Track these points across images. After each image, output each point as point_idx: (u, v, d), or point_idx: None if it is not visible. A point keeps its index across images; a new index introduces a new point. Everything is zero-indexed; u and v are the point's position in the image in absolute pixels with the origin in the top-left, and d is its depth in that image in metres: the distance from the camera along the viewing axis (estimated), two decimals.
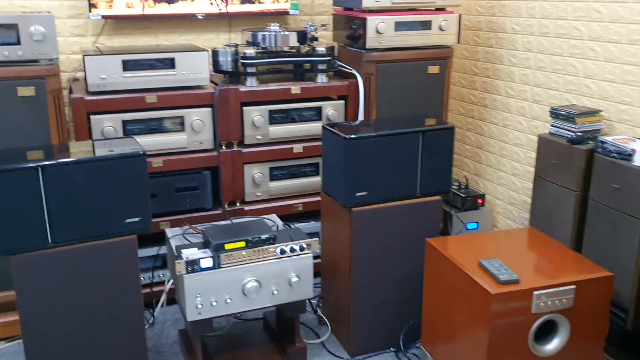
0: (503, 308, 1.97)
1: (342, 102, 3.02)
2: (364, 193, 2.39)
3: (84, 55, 2.57)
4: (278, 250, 2.27)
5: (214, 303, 2.21)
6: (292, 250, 2.29)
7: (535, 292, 1.98)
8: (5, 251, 1.94)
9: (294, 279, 2.30)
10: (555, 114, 2.68)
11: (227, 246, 2.20)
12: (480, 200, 3.42)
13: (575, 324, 2.06)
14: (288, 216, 3.04)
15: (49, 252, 2.00)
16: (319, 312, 2.83)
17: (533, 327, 2.01)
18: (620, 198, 2.35)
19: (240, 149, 2.87)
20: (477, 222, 3.38)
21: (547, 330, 2.08)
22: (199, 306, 2.19)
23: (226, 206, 2.90)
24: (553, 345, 2.08)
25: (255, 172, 2.93)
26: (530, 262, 2.18)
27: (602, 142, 2.45)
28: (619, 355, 2.50)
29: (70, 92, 2.69)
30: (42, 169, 1.93)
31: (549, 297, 1.99)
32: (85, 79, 2.63)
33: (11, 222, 1.92)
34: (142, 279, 2.64)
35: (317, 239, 2.37)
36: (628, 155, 2.34)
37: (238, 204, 2.94)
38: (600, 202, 2.44)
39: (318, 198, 3.01)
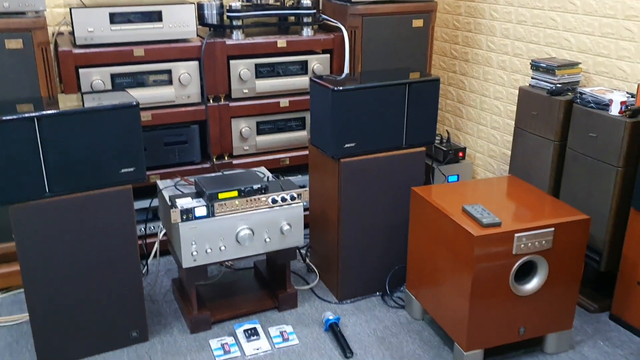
0: (486, 250, 2.07)
1: (328, 55, 3.06)
2: (352, 144, 2.46)
3: (70, 8, 2.56)
4: (270, 200, 2.34)
5: (209, 250, 2.28)
6: (284, 199, 2.36)
7: (516, 235, 2.09)
8: (4, 201, 1.98)
9: (286, 227, 2.38)
10: (535, 66, 2.76)
11: (221, 195, 2.27)
12: (461, 154, 3.51)
13: (553, 265, 2.18)
14: (275, 170, 3.10)
15: (47, 202, 2.05)
16: (308, 261, 2.92)
17: (514, 267, 2.13)
18: (596, 146, 2.46)
19: (227, 102, 2.90)
20: (457, 175, 3.48)
21: (527, 271, 2.20)
22: (194, 253, 2.26)
23: (214, 160, 2.95)
24: (532, 284, 2.20)
25: (242, 126, 2.97)
26: (511, 207, 2.29)
27: (581, 93, 2.54)
28: (593, 296, 2.65)
29: (56, 45, 2.68)
30: (38, 120, 1.95)
31: (529, 239, 2.10)
32: (72, 32, 2.62)
33: (9, 173, 1.95)
34: None
35: (307, 189, 2.44)
36: (605, 106, 2.43)
37: (226, 158, 2.99)
38: (578, 150, 2.54)
39: (305, 152, 3.07)
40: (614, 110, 2.39)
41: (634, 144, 2.35)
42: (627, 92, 2.48)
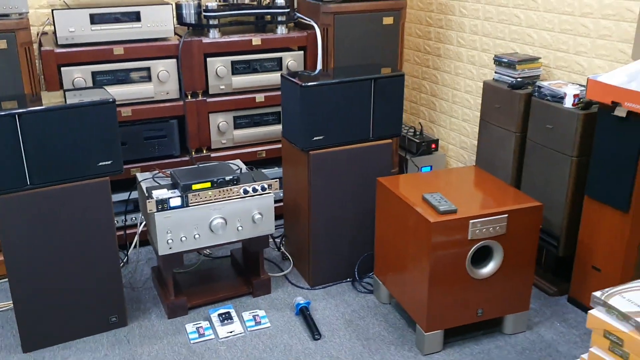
0: (442, 235, 2.20)
1: (302, 52, 3.18)
2: (321, 137, 2.58)
3: (52, 10, 2.68)
4: (242, 190, 2.47)
5: (183, 239, 2.41)
6: (255, 190, 2.49)
7: (471, 221, 2.22)
8: None
9: (257, 216, 2.51)
10: (498, 61, 2.88)
11: (194, 186, 2.40)
12: (433, 145, 3.65)
13: (508, 249, 2.31)
14: (252, 162, 3.21)
15: (28, 194, 2.17)
16: (283, 249, 3.05)
17: (470, 252, 2.26)
18: (553, 137, 2.59)
19: (205, 98, 3.03)
20: (430, 166, 3.61)
21: (483, 255, 2.33)
22: (170, 241, 2.39)
23: (193, 153, 3.08)
24: (488, 268, 2.33)
25: (220, 121, 3.10)
26: (470, 195, 2.42)
27: (539, 86, 2.67)
28: (552, 280, 2.79)
29: (40, 45, 2.80)
30: (19, 116, 2.07)
31: (484, 225, 2.24)
32: (54, 32, 2.74)
33: None
34: (116, 222, 2.83)
35: (277, 179, 2.57)
36: (560, 98, 2.57)
37: (204, 151, 3.11)
38: (536, 141, 2.67)
39: (280, 145, 3.19)
40: (568, 102, 2.52)
41: (586, 134, 2.48)
42: (582, 86, 2.61)
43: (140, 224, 2.91)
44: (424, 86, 3.88)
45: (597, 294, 1.82)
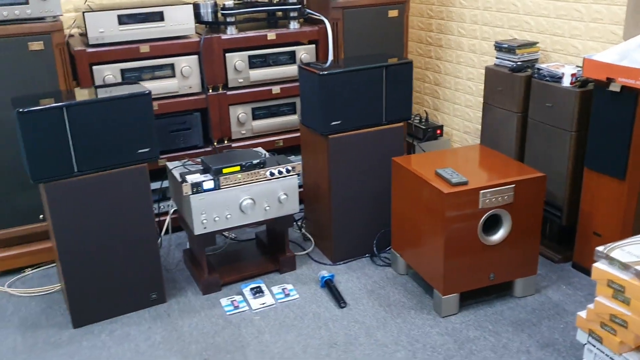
0: (455, 205, 2.41)
1: (313, 46, 3.39)
2: (338, 122, 2.78)
3: (83, 12, 2.88)
4: (268, 173, 2.67)
5: (216, 219, 2.61)
6: (280, 172, 2.69)
7: (481, 191, 2.42)
8: (40, 179, 2.30)
9: (283, 197, 2.71)
10: (498, 47, 3.09)
11: (225, 170, 2.60)
12: (439, 131, 3.85)
13: (515, 217, 2.52)
14: (270, 151, 3.42)
15: (76, 180, 2.37)
16: (304, 230, 3.25)
17: (481, 220, 2.46)
18: (552, 114, 2.80)
19: (225, 91, 3.23)
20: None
21: (493, 223, 2.53)
22: (204, 221, 2.59)
23: (216, 143, 3.27)
24: (499, 235, 2.53)
25: (239, 112, 3.29)
26: (478, 169, 2.62)
27: (538, 69, 2.88)
28: (557, 249, 2.99)
29: (68, 46, 2.99)
30: (67, 108, 2.27)
31: (493, 195, 2.44)
32: (84, 33, 2.93)
33: (43, 155, 2.27)
34: None
35: (300, 162, 2.77)
36: (559, 78, 2.77)
37: (226, 142, 3.31)
38: (537, 119, 2.88)
39: (296, 134, 3.40)
40: (566, 82, 2.73)
41: (583, 110, 2.68)
42: (578, 66, 2.81)
43: (171, 210, 3.10)
44: (427, 76, 4.09)
45: (600, 248, 2.03)
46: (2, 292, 2.83)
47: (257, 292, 2.71)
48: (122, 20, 2.94)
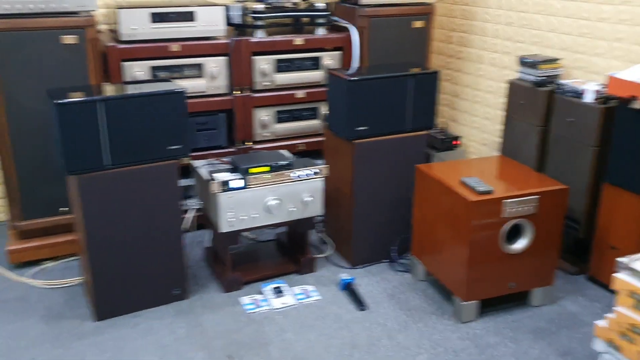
0: (480, 214, 2.45)
1: (338, 52, 3.44)
2: (364, 128, 2.83)
3: (117, 9, 2.92)
4: (296, 175, 2.71)
5: (243, 217, 2.65)
6: (307, 175, 2.73)
7: (506, 201, 2.47)
8: (74, 171, 2.34)
9: (308, 199, 2.75)
10: (522, 62, 3.15)
11: (253, 170, 2.64)
12: (455, 142, 3.90)
13: (537, 228, 2.56)
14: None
15: (108, 173, 2.40)
16: (324, 233, 3.29)
17: (504, 229, 2.51)
18: (573, 129, 2.85)
19: (250, 94, 3.27)
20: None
21: (515, 233, 2.58)
22: (231, 219, 2.62)
23: (240, 145, 3.31)
24: (520, 245, 2.58)
25: (263, 115, 3.34)
26: (502, 179, 2.67)
27: (561, 84, 2.94)
28: (573, 261, 3.03)
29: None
30: (102, 102, 2.31)
31: (517, 205, 2.49)
32: (115, 30, 2.98)
33: (78, 148, 2.31)
34: None
35: (328, 165, 2.81)
36: (580, 94, 2.83)
37: (248, 143, 3.35)
38: (558, 133, 2.93)
39: (318, 138, 3.44)
40: (589, 97, 2.79)
41: (605, 126, 2.74)
42: (600, 83, 2.87)
43: (193, 208, 3.14)
44: (445, 87, 4.14)
45: (622, 259, 2.08)
46: (25, 283, 2.85)
47: (279, 291, 2.75)
48: (155, 18, 2.98)
